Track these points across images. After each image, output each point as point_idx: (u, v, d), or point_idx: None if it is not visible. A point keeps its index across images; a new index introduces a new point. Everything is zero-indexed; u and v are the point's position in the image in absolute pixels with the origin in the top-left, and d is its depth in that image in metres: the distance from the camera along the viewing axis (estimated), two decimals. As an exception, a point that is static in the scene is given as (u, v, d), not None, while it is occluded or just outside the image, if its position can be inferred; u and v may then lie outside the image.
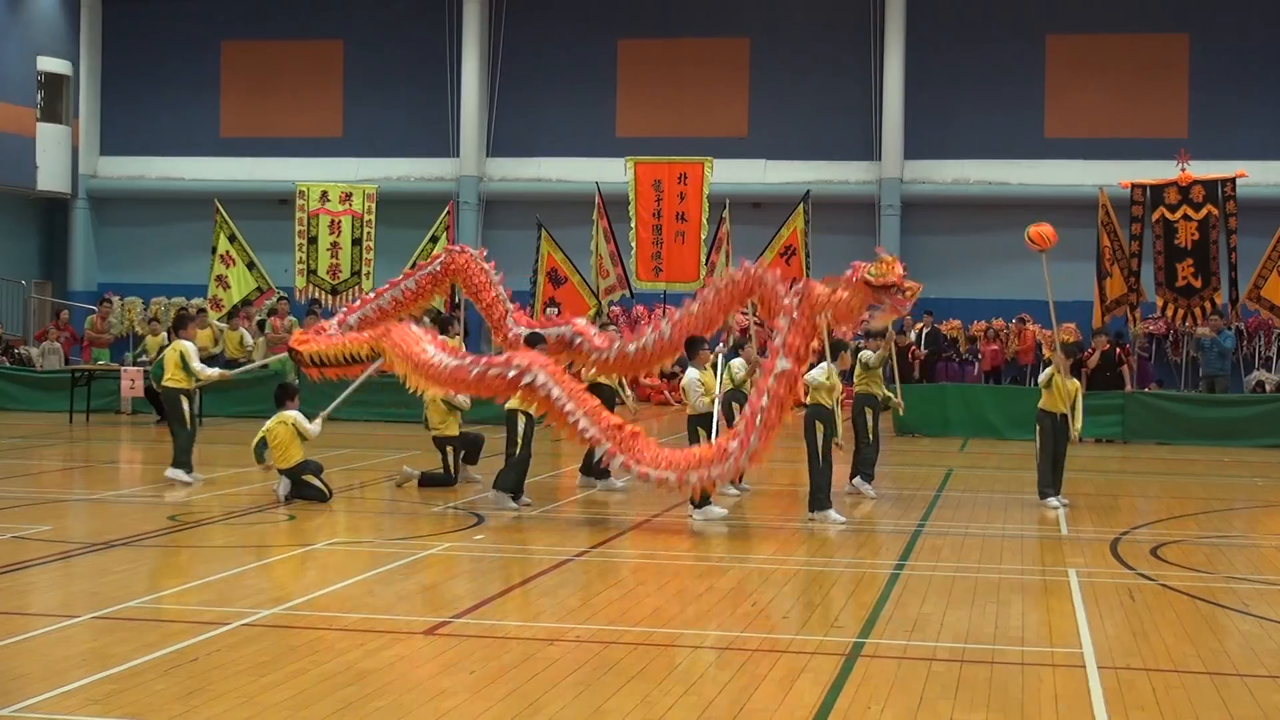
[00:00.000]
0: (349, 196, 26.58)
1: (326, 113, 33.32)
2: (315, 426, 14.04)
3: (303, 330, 15.89)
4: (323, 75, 33.32)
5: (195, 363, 15.28)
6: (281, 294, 26.13)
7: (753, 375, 14.80)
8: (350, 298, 26.53)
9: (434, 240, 26.27)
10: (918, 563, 11.17)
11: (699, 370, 14.11)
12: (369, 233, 26.45)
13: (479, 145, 32.38)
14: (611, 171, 27.70)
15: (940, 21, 31.13)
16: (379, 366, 14.29)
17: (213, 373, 15.70)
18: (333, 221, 26.45)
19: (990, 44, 31.02)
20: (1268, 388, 25.63)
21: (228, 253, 25.86)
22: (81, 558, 10.81)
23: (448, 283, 16.08)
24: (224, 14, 33.68)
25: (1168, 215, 23.28)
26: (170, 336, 24.49)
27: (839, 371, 13.81)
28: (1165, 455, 20.78)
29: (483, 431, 16.15)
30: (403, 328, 14.22)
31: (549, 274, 25.59)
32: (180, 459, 15.13)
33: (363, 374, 14.39)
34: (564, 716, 6.80)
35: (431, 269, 15.66)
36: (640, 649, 8.18)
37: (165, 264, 33.28)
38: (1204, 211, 23.14)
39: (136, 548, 11.35)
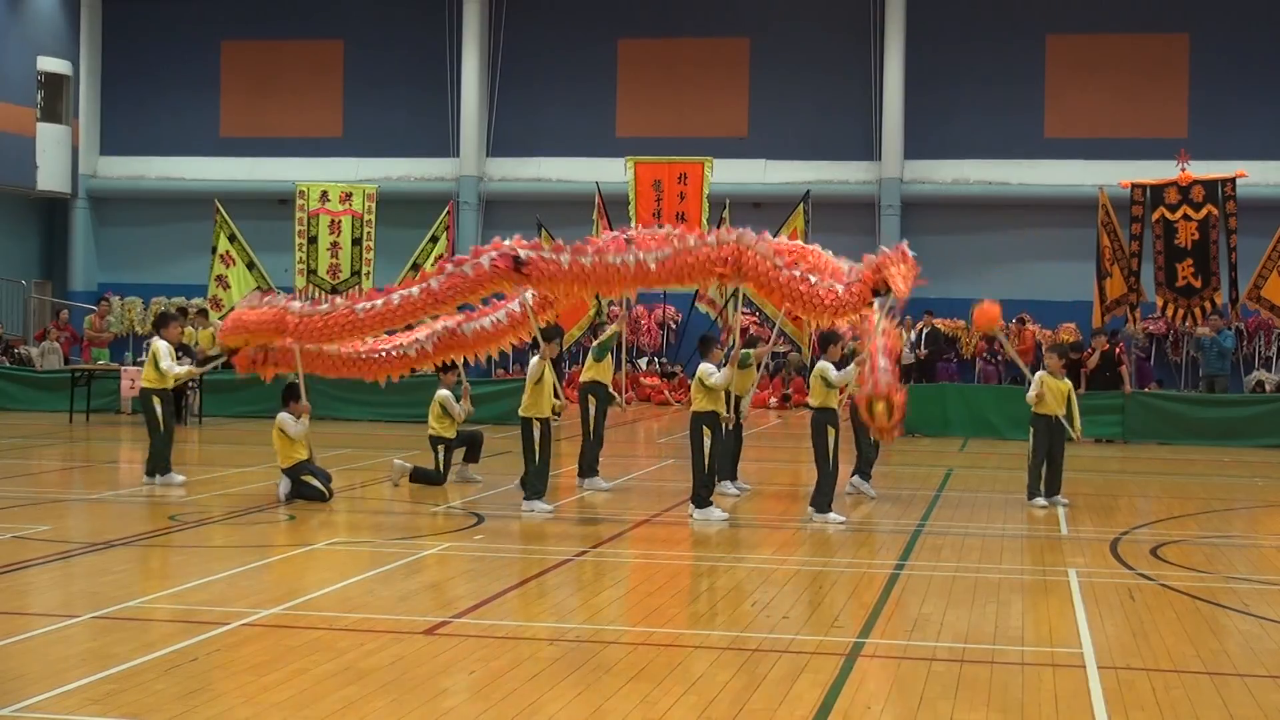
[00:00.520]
0: (349, 196, 26.58)
1: (326, 113, 33.33)
2: (298, 427, 13.94)
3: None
4: (323, 75, 33.33)
5: (165, 362, 14.91)
6: (282, 294, 26.10)
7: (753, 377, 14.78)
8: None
9: (434, 240, 26.29)
10: (918, 563, 11.17)
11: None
12: (369, 233, 26.45)
13: (479, 145, 32.38)
14: (611, 171, 27.72)
15: (940, 21, 31.13)
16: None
17: (182, 370, 15.39)
18: (333, 221, 26.44)
19: (990, 44, 31.02)
20: (1268, 388, 25.63)
21: (228, 253, 25.86)
22: (81, 558, 10.80)
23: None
24: (224, 14, 33.69)
25: (1168, 215, 23.28)
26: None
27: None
28: (1165, 455, 20.78)
29: (480, 431, 16.15)
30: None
31: (549, 274, 25.55)
32: (154, 465, 14.78)
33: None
34: (564, 716, 6.80)
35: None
36: (640, 649, 8.17)
37: (165, 264, 33.30)
38: (1204, 211, 23.14)
39: (136, 548, 11.36)
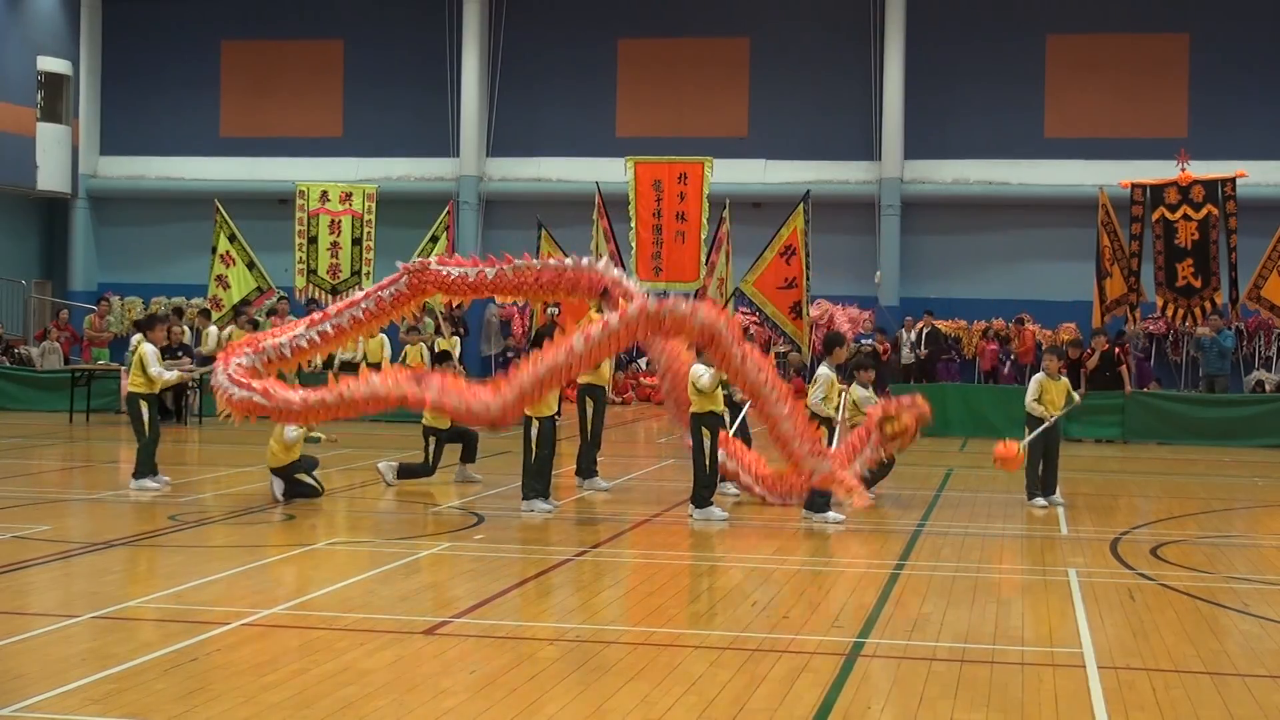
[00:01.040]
0: (349, 196, 26.57)
1: (326, 113, 33.32)
2: (291, 433, 13.79)
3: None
4: (323, 75, 33.33)
5: (153, 367, 14.61)
6: (281, 294, 26.13)
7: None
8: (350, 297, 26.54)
9: (434, 240, 26.26)
10: (918, 563, 11.17)
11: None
12: (369, 232, 26.44)
13: (479, 145, 32.37)
14: (611, 171, 27.68)
15: (940, 21, 31.13)
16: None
17: (171, 375, 15.15)
18: (333, 221, 26.44)
19: (990, 44, 31.02)
20: (1268, 388, 25.63)
21: (228, 252, 25.85)
22: (81, 558, 10.80)
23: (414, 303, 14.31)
24: (224, 14, 33.69)
25: (1168, 215, 23.26)
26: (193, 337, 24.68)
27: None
28: (1165, 455, 20.78)
29: (475, 430, 16.11)
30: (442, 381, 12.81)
31: (549, 274, 25.53)
32: (142, 469, 14.56)
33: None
34: (564, 716, 6.80)
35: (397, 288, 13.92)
36: (640, 649, 8.17)
37: (165, 264, 33.29)
38: (1204, 211, 23.12)
39: (136, 548, 11.36)
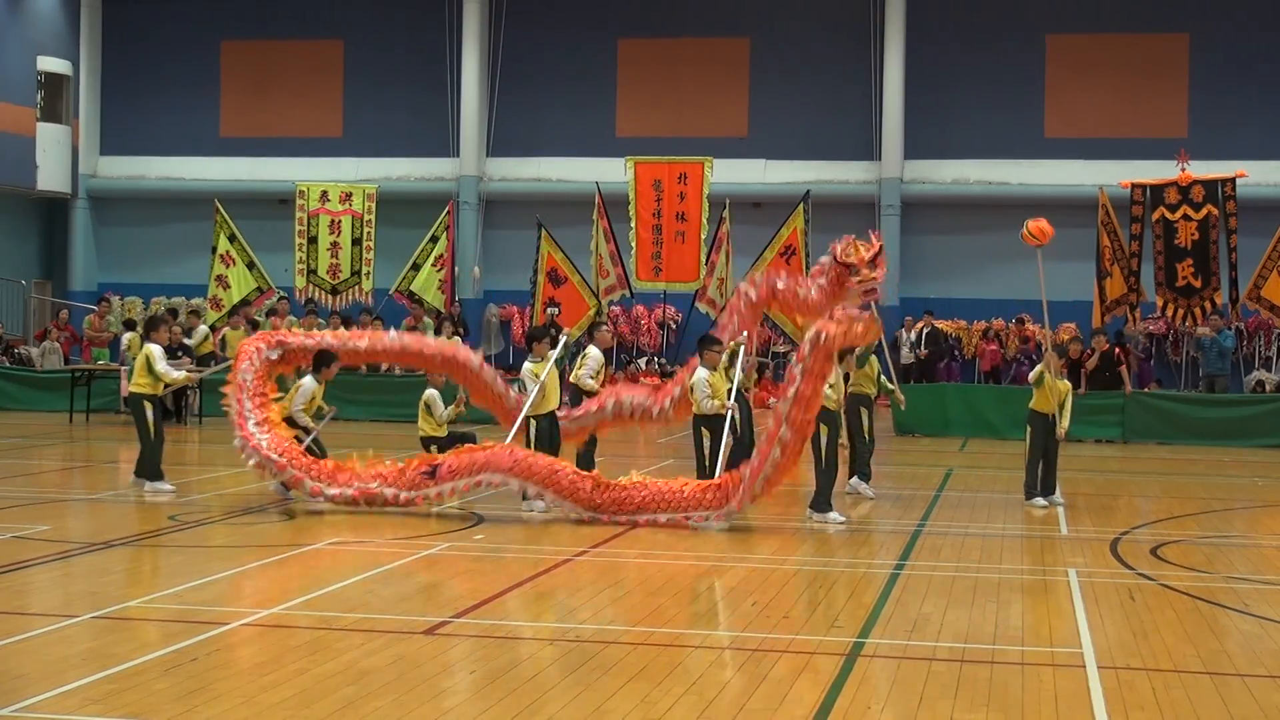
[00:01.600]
0: (349, 196, 26.58)
1: (326, 113, 33.31)
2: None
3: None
4: (323, 75, 33.31)
5: (161, 364, 14.56)
6: (281, 294, 26.14)
7: (751, 379, 14.77)
8: (350, 298, 26.57)
9: (434, 240, 26.28)
10: (918, 563, 11.17)
11: (709, 371, 13.94)
12: (369, 233, 26.45)
13: (479, 145, 32.36)
14: (611, 171, 27.70)
15: (940, 21, 31.12)
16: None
17: (179, 375, 15.09)
18: (333, 221, 26.44)
19: (990, 44, 31.01)
20: (1268, 388, 25.62)
21: (228, 253, 25.86)
22: (81, 558, 10.80)
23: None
24: (224, 14, 33.67)
25: (1168, 215, 23.27)
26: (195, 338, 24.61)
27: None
28: (1165, 455, 20.78)
29: (473, 433, 16.10)
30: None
31: (549, 274, 25.59)
32: (149, 471, 14.50)
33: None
34: (564, 716, 6.80)
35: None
36: (640, 649, 8.17)
37: (165, 264, 33.27)
38: (1204, 211, 23.12)
39: (136, 548, 11.36)
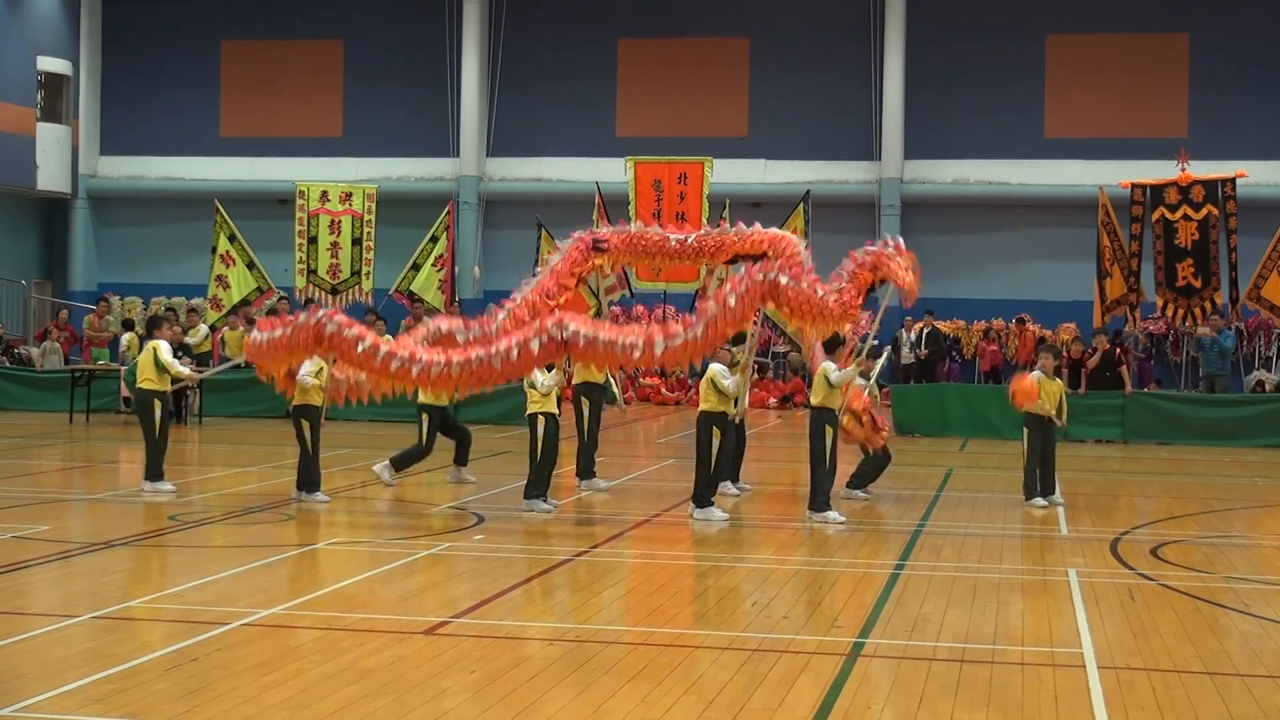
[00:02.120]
0: (349, 196, 26.56)
1: (326, 113, 33.32)
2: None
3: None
4: (323, 75, 33.33)
5: (167, 356, 14.37)
6: (281, 294, 26.12)
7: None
8: (350, 298, 26.53)
9: (434, 240, 26.26)
10: (918, 563, 11.17)
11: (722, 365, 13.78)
12: (369, 233, 26.43)
13: (479, 145, 32.37)
14: (611, 171, 27.69)
15: (940, 21, 31.13)
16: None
17: (186, 370, 14.93)
18: (333, 221, 26.42)
19: (990, 44, 31.02)
20: (1268, 388, 25.62)
21: (228, 253, 25.84)
22: (81, 558, 10.80)
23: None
24: (224, 14, 33.69)
25: (1168, 215, 23.26)
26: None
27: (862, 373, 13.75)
28: (1165, 455, 20.77)
29: (472, 430, 16.12)
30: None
31: (549, 274, 25.54)
32: (153, 470, 14.40)
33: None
34: (564, 716, 6.80)
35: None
36: (640, 649, 8.17)
37: (165, 264, 33.29)
38: (1204, 211, 23.11)
39: (136, 548, 11.36)
